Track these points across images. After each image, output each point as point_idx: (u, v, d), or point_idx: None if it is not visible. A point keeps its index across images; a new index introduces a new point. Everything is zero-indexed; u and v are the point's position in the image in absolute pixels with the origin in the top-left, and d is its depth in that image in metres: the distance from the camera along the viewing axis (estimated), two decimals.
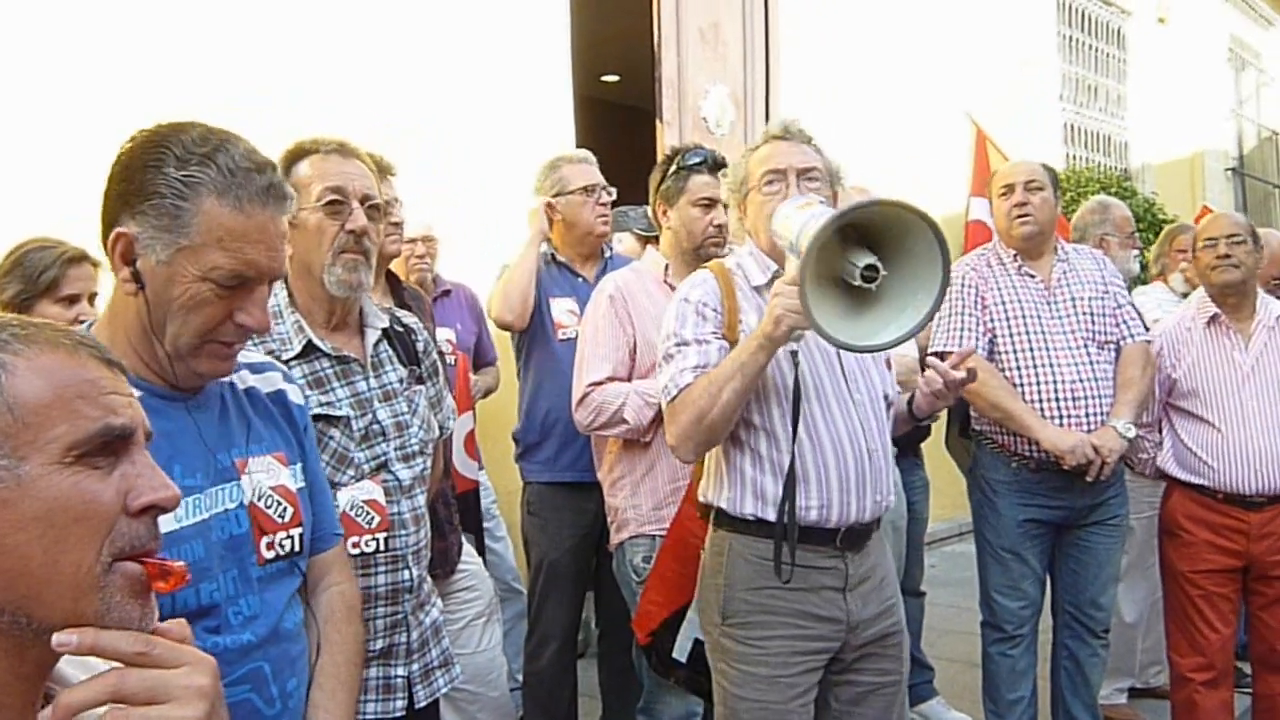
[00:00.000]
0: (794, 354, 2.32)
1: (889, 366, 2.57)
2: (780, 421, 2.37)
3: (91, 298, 3.08)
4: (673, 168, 3.17)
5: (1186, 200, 10.37)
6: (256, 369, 1.69)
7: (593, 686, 3.89)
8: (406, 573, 2.05)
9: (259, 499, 1.56)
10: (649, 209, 5.17)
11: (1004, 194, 3.60)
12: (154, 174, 1.43)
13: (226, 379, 1.61)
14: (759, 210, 2.48)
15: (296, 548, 1.62)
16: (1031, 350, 3.46)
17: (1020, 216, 3.55)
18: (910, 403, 2.57)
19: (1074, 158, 9.23)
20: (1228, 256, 3.53)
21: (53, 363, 1.01)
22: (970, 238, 7.00)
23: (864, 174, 5.95)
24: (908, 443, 4.00)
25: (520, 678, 4.09)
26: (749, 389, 2.27)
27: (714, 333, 2.40)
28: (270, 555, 1.57)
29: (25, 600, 0.97)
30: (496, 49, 4.97)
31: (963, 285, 3.54)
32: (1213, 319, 3.59)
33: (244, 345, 1.56)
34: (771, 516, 2.38)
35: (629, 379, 3.06)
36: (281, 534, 1.58)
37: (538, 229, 3.56)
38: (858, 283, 2.11)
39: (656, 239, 4.72)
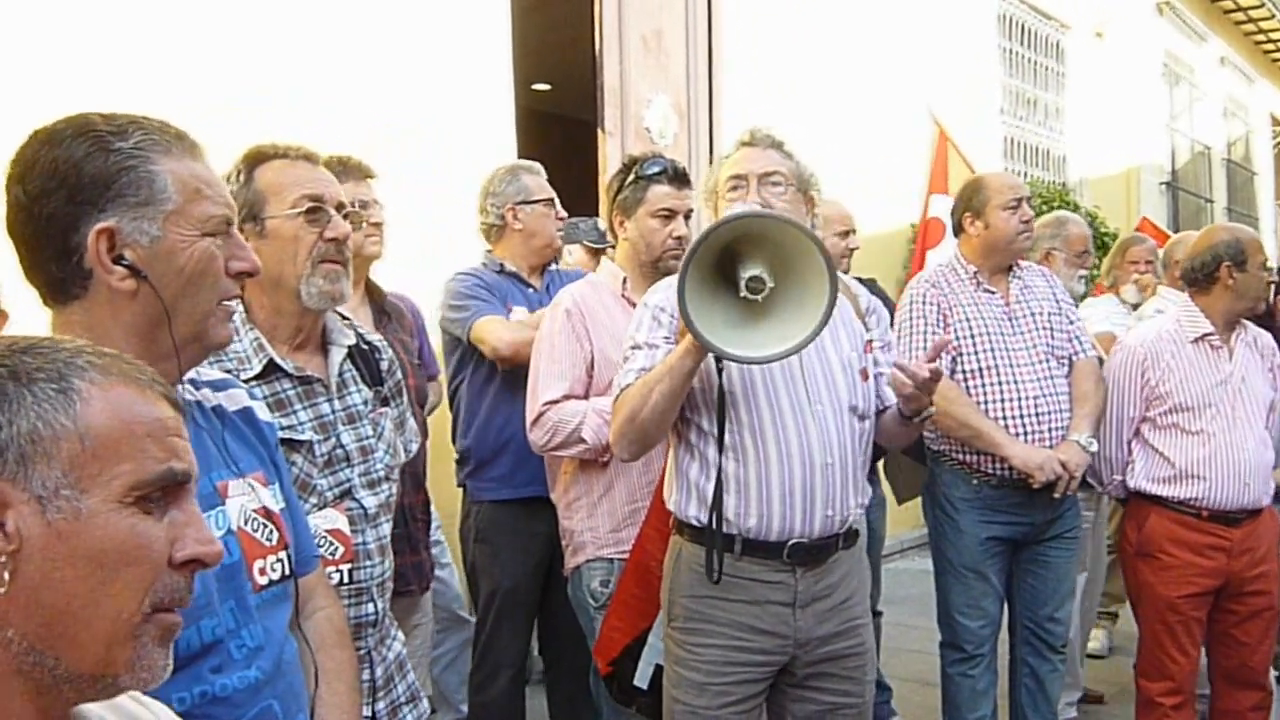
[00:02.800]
0: (718, 359, 2.37)
1: (864, 378, 2.58)
2: (726, 428, 2.44)
3: None
4: (630, 177, 3.09)
5: (1122, 214, 10.64)
6: (218, 387, 1.63)
7: (540, 715, 3.84)
8: (370, 606, 1.99)
9: (245, 523, 1.51)
10: (598, 220, 5.22)
11: (1013, 207, 3.61)
12: (102, 158, 1.38)
13: (193, 398, 1.56)
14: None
15: (287, 571, 1.58)
16: (996, 367, 3.50)
17: (1027, 232, 3.66)
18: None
19: (1013, 172, 9.41)
20: None
21: (127, 396, 0.99)
22: (929, 234, 7.13)
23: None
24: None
25: (464, 708, 4.04)
26: (678, 391, 2.36)
27: (665, 337, 2.49)
28: (264, 581, 1.53)
29: (59, 640, 0.93)
30: (438, 58, 4.93)
31: (924, 303, 3.57)
32: (1202, 337, 3.58)
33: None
34: (694, 515, 2.48)
35: (586, 396, 2.99)
36: (271, 558, 1.54)
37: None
38: (744, 294, 2.22)
39: (602, 250, 4.75)
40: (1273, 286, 3.72)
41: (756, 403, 2.43)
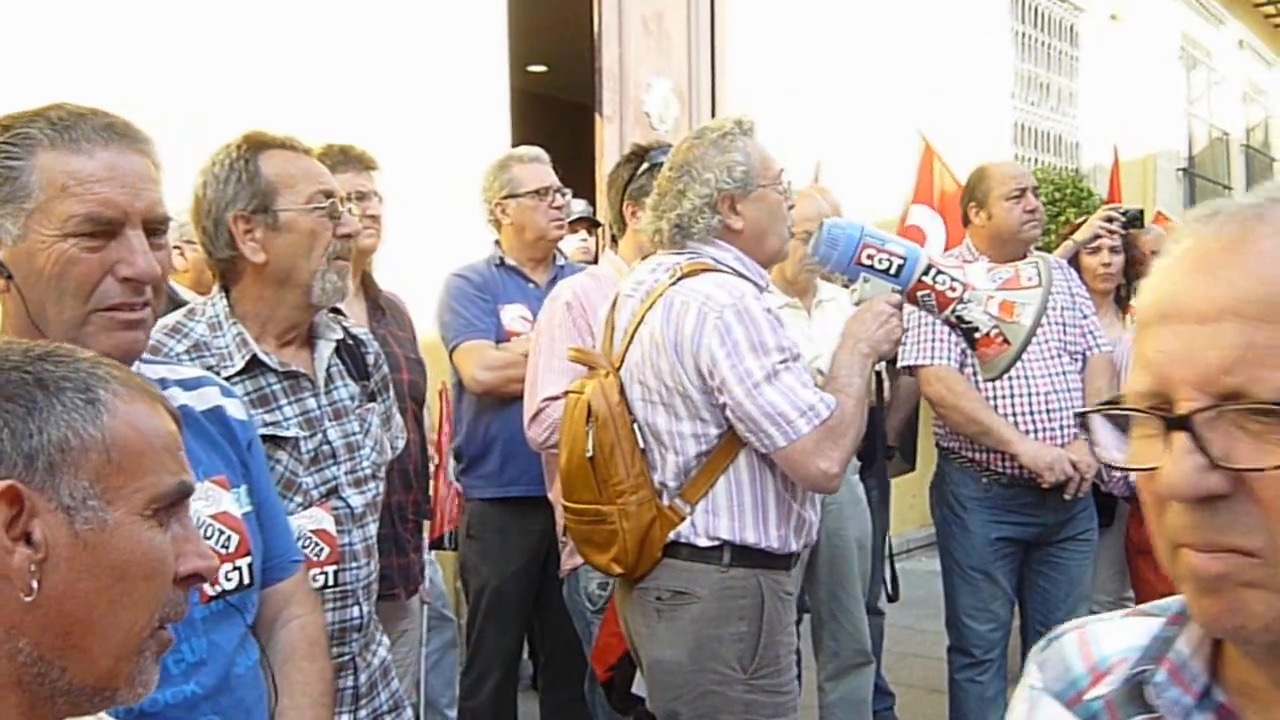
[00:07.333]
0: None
1: None
2: None
3: None
4: (645, 165, 3.06)
5: (1138, 202, 10.57)
6: (189, 385, 1.60)
7: None
8: (356, 609, 1.97)
9: (198, 529, 1.49)
10: (585, 203, 5.26)
11: (1015, 197, 3.63)
12: None
13: None
14: (774, 211, 2.44)
15: (245, 580, 1.54)
16: None
17: (1033, 221, 3.67)
18: None
19: (1024, 158, 9.38)
20: None
21: (143, 410, 1.02)
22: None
23: (811, 173, 6.01)
24: (872, 461, 4.02)
25: (450, 713, 4.03)
26: None
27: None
28: (214, 592, 1.48)
29: (72, 651, 0.95)
30: (431, 38, 4.90)
31: None
32: None
33: (146, 311, 1.44)
34: (797, 547, 2.42)
35: None
36: (227, 566, 1.50)
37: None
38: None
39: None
40: None
41: None
